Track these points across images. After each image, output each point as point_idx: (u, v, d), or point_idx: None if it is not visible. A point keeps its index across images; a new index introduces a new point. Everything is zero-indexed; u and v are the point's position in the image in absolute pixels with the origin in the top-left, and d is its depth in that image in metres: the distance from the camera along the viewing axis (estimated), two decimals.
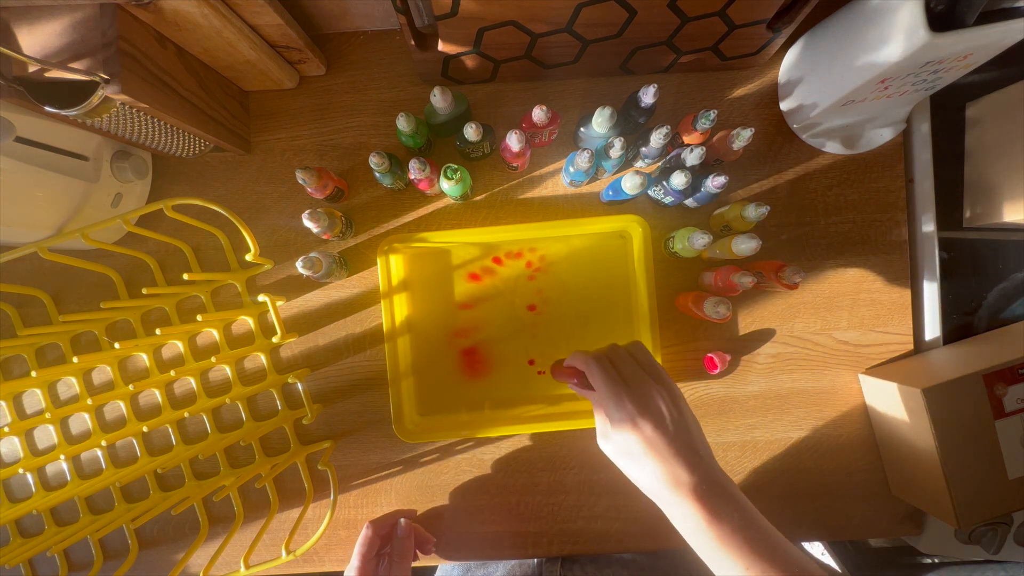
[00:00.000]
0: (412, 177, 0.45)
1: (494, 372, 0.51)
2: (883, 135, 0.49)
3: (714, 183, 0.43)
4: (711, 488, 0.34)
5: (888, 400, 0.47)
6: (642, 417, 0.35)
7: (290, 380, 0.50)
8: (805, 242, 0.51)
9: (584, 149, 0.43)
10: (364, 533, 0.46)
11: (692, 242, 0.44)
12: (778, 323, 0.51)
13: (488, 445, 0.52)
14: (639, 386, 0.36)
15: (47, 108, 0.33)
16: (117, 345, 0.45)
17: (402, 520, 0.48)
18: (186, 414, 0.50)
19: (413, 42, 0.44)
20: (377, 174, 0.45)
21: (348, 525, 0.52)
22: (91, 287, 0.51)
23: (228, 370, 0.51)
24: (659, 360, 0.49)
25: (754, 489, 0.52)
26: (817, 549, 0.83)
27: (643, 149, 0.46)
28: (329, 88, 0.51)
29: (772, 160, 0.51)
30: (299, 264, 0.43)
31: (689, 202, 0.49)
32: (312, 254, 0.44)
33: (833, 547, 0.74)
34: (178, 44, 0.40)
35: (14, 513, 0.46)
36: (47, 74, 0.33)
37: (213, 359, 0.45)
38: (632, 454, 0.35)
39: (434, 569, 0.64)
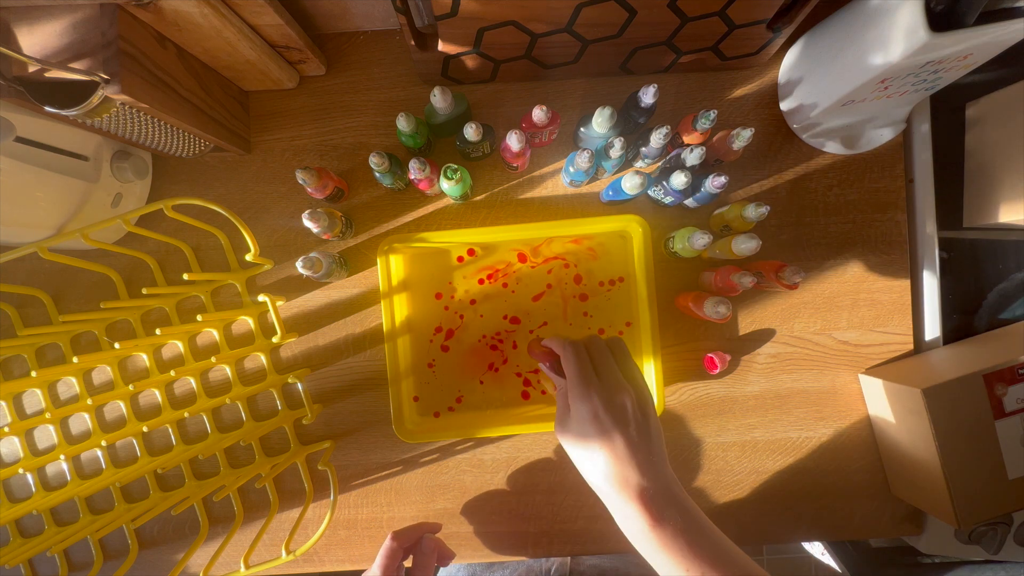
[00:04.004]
0: (412, 177, 0.45)
1: (494, 371, 0.52)
2: (883, 135, 0.49)
3: (714, 183, 0.43)
4: (658, 493, 0.34)
5: (888, 400, 0.47)
6: (606, 413, 0.35)
7: (290, 380, 0.50)
8: (805, 242, 0.51)
9: (584, 149, 0.43)
10: (388, 545, 0.46)
11: (692, 242, 0.44)
12: (778, 323, 0.51)
13: (488, 445, 0.52)
14: (609, 382, 0.36)
15: (47, 108, 0.33)
16: (117, 345, 0.45)
17: (427, 535, 0.48)
18: (186, 414, 0.50)
19: (413, 42, 0.44)
20: (377, 174, 0.45)
21: (348, 525, 0.52)
22: (91, 287, 0.51)
23: (228, 370, 0.51)
24: (659, 360, 0.49)
25: (754, 490, 0.52)
26: (817, 549, 0.83)
27: (643, 149, 0.46)
28: (329, 88, 0.51)
29: (772, 160, 0.51)
30: (299, 264, 0.43)
31: (689, 202, 0.49)
32: (312, 254, 0.44)
33: (833, 547, 0.74)
34: (178, 44, 0.40)
35: (14, 513, 0.46)
36: (47, 74, 0.33)
37: (213, 359, 0.45)
38: (587, 448, 0.35)
39: (436, 570, 0.64)
